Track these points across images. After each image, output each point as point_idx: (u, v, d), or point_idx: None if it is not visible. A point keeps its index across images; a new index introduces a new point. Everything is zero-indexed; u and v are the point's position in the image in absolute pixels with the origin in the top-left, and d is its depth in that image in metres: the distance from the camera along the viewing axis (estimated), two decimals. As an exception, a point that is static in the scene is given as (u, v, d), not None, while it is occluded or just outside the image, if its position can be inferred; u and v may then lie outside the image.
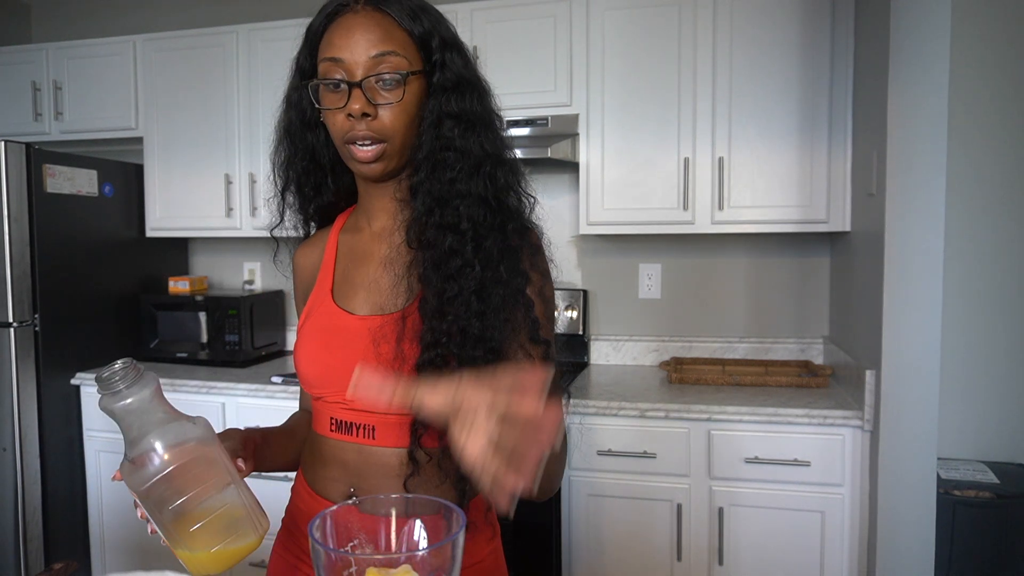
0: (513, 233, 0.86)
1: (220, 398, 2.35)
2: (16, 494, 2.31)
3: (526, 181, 0.91)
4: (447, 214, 0.83)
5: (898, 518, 1.77)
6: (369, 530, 0.68)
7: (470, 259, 0.82)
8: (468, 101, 0.86)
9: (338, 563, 0.58)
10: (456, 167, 0.84)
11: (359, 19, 0.82)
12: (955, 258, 2.24)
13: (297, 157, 0.95)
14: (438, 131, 0.85)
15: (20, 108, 2.82)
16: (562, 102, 2.30)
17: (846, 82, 2.10)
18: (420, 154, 0.86)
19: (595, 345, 2.64)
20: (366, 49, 0.81)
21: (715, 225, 2.22)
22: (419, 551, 0.65)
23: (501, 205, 0.86)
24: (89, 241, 2.57)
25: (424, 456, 0.83)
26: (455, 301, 0.81)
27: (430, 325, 0.81)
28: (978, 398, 2.27)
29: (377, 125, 0.83)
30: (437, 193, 0.84)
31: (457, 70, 0.86)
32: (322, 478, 0.92)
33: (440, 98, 0.85)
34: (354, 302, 0.91)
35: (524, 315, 0.85)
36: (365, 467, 0.88)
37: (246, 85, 2.58)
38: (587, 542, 2.05)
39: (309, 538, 0.60)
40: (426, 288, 0.83)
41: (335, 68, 0.83)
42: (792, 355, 2.48)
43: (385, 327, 0.85)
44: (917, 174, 1.70)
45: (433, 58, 0.85)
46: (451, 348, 0.80)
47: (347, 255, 0.95)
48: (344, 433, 0.89)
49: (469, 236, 0.83)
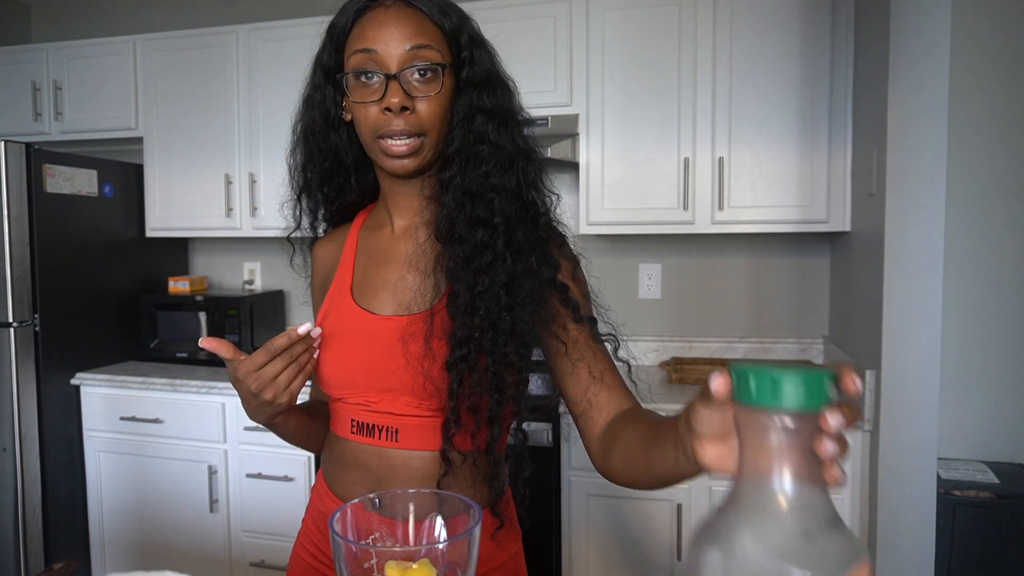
0: (544, 227, 0.87)
1: (220, 398, 2.35)
2: (16, 494, 2.31)
3: (549, 179, 0.91)
4: (479, 208, 0.83)
5: (898, 518, 1.77)
6: (389, 524, 0.69)
7: (501, 252, 0.81)
8: (498, 97, 0.86)
9: (359, 556, 0.58)
10: (490, 161, 0.84)
11: (392, 13, 0.82)
12: (955, 258, 2.24)
13: (319, 158, 0.93)
14: (470, 125, 0.84)
15: (20, 108, 2.82)
16: (562, 102, 2.30)
17: (846, 82, 2.10)
18: (451, 148, 0.85)
19: (595, 345, 2.64)
20: (401, 42, 0.80)
21: (715, 225, 2.22)
22: (439, 543, 0.66)
23: (531, 200, 0.86)
24: (89, 241, 2.57)
25: (459, 457, 0.83)
26: (486, 295, 0.80)
27: (461, 321, 0.80)
28: (978, 398, 2.27)
29: (414, 119, 0.81)
30: (470, 187, 0.83)
31: (486, 66, 0.86)
32: (343, 481, 0.90)
33: (471, 93, 0.85)
34: (376, 302, 0.89)
35: (562, 300, 0.84)
36: (388, 471, 0.86)
37: (246, 85, 2.58)
38: (587, 542, 2.05)
39: (330, 532, 0.60)
40: (455, 284, 0.82)
41: (368, 60, 0.81)
42: (792, 355, 2.48)
43: (413, 325, 0.83)
44: (917, 174, 1.70)
45: (462, 54, 0.85)
46: (483, 344, 0.80)
47: (367, 254, 0.94)
48: (366, 435, 0.87)
49: (501, 230, 0.82)
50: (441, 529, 0.69)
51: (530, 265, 0.82)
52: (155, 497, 2.44)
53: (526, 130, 0.90)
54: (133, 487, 2.46)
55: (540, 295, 0.83)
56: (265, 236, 2.68)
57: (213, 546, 2.38)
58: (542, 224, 0.87)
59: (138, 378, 2.43)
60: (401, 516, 0.70)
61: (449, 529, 0.68)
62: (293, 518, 2.35)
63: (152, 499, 2.44)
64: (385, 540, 0.68)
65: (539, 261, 0.83)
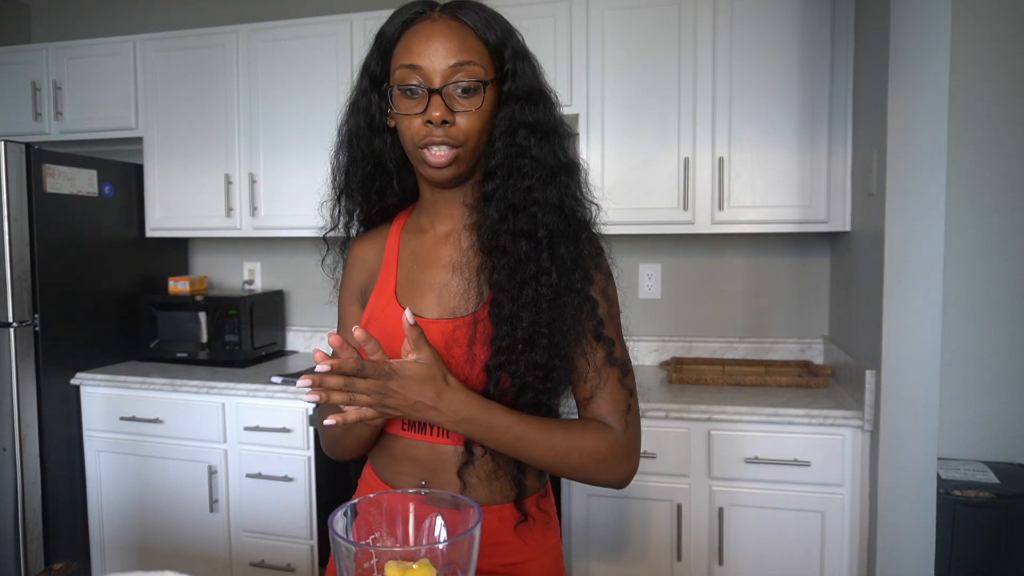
0: (585, 241, 0.89)
1: (220, 398, 2.35)
2: (16, 494, 2.31)
3: (590, 189, 0.94)
4: (521, 220, 0.86)
5: (898, 518, 1.77)
6: (390, 524, 0.69)
7: (546, 266, 0.85)
8: (541, 111, 0.89)
9: (359, 556, 0.59)
10: (533, 175, 0.86)
11: (437, 27, 0.84)
12: (955, 258, 2.24)
13: (362, 161, 0.95)
14: (512, 139, 0.87)
15: (20, 108, 2.82)
16: (562, 102, 2.28)
17: (846, 82, 2.09)
18: (494, 161, 0.88)
19: (595, 345, 2.64)
20: (445, 58, 0.83)
21: (715, 225, 2.22)
22: (439, 543, 0.66)
23: (574, 213, 0.89)
24: (89, 241, 2.57)
25: (480, 450, 0.87)
26: (530, 307, 0.83)
27: (503, 331, 0.84)
28: (978, 398, 2.27)
29: (454, 131, 0.84)
30: (512, 200, 0.86)
31: (528, 80, 0.88)
32: (393, 472, 0.94)
33: (513, 107, 0.87)
34: (421, 305, 0.92)
35: (590, 316, 0.88)
36: (437, 462, 0.90)
37: (246, 85, 2.58)
38: (587, 542, 2.05)
39: (330, 532, 0.61)
40: (499, 293, 0.85)
41: (412, 75, 0.84)
42: (792, 355, 2.48)
43: (458, 331, 0.87)
44: (917, 174, 1.70)
45: (505, 67, 0.87)
46: (522, 353, 0.83)
47: (410, 257, 0.96)
48: (417, 432, 0.91)
49: (544, 244, 0.85)
50: (441, 529, 0.69)
51: (573, 282, 0.86)
52: (155, 497, 2.44)
53: (568, 142, 0.93)
54: (133, 487, 2.46)
55: (580, 311, 0.87)
56: (265, 236, 2.68)
57: (213, 546, 2.38)
58: (584, 238, 0.89)
59: (138, 378, 2.43)
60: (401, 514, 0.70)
61: (448, 528, 0.68)
62: (293, 518, 2.35)
63: (152, 499, 2.44)
64: (386, 540, 0.68)
65: (581, 278, 0.87)
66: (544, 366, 0.84)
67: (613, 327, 0.92)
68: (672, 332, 2.59)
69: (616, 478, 0.89)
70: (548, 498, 0.98)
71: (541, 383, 0.85)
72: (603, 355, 0.89)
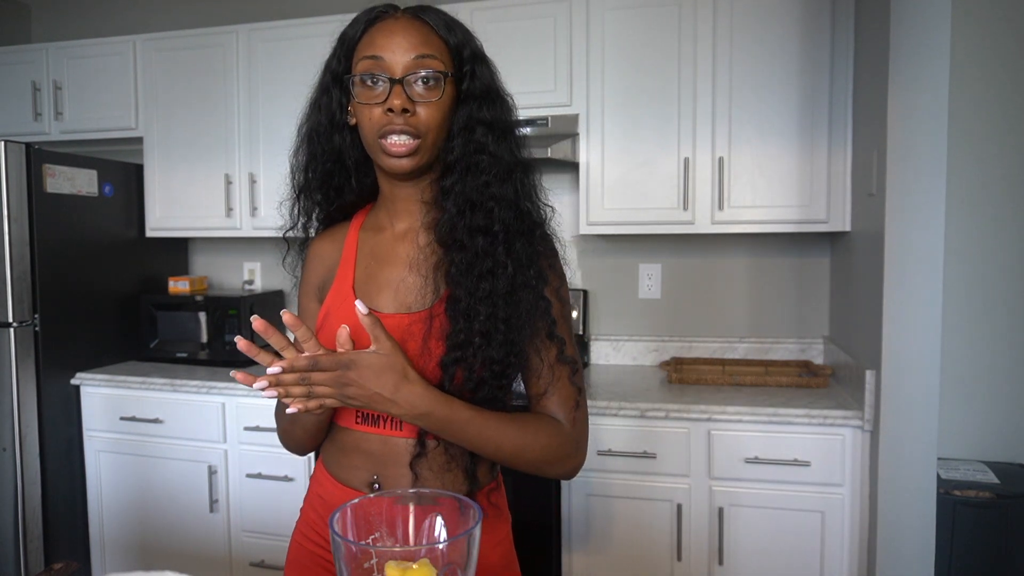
0: (539, 239, 0.91)
1: (220, 398, 2.35)
2: (16, 494, 2.31)
3: (544, 191, 0.96)
4: (478, 216, 0.87)
5: (898, 518, 1.77)
6: (389, 524, 0.69)
7: (502, 260, 0.86)
8: (498, 110, 0.91)
9: (359, 556, 0.59)
10: (490, 171, 0.89)
11: (400, 24, 0.87)
12: (955, 258, 2.24)
13: (322, 158, 0.96)
14: (470, 135, 0.89)
15: (20, 108, 2.82)
16: (562, 102, 2.30)
17: (846, 82, 2.10)
18: (451, 156, 0.89)
19: (595, 345, 2.64)
20: (407, 51, 0.86)
21: (715, 225, 2.22)
22: (439, 543, 0.66)
23: (528, 211, 0.91)
24: (89, 241, 2.57)
25: (433, 442, 0.88)
26: (486, 301, 0.85)
27: (460, 325, 0.85)
28: (978, 398, 2.27)
29: (414, 120, 0.86)
30: (470, 196, 0.88)
31: (486, 80, 0.92)
32: (345, 467, 0.94)
33: (471, 105, 0.90)
34: (378, 300, 0.93)
35: (543, 315, 0.90)
36: (389, 456, 0.91)
37: (246, 85, 2.58)
38: (587, 542, 2.05)
39: (330, 532, 0.61)
40: (455, 288, 0.87)
41: (375, 66, 0.86)
42: (792, 355, 2.48)
43: (413, 326, 0.88)
44: (917, 174, 1.70)
45: (464, 68, 0.90)
46: (478, 347, 0.84)
47: (368, 254, 0.97)
48: (371, 425, 0.92)
49: (500, 238, 0.87)
50: (441, 529, 0.69)
51: (528, 278, 0.88)
52: (155, 497, 2.44)
53: (522, 143, 0.95)
54: (133, 487, 2.46)
55: (535, 307, 0.88)
56: (265, 236, 2.68)
57: (213, 546, 2.39)
58: (538, 235, 0.91)
59: (138, 378, 2.43)
60: (402, 513, 0.70)
61: (447, 528, 0.68)
62: (293, 518, 2.34)
63: (152, 499, 2.44)
64: (385, 540, 0.68)
65: (535, 276, 0.88)
66: (500, 361, 0.85)
67: (565, 327, 0.94)
68: (672, 332, 2.59)
69: (565, 471, 0.92)
70: (499, 491, 0.99)
71: (496, 379, 0.86)
72: (555, 353, 0.91)
